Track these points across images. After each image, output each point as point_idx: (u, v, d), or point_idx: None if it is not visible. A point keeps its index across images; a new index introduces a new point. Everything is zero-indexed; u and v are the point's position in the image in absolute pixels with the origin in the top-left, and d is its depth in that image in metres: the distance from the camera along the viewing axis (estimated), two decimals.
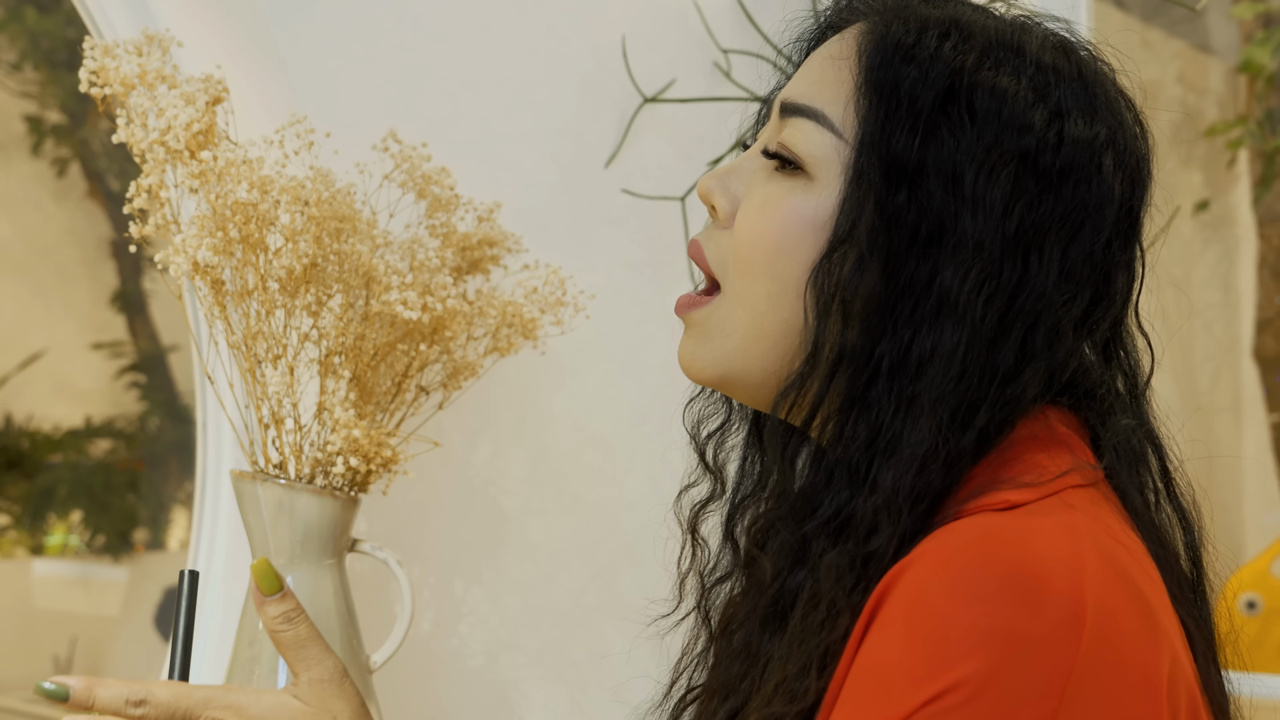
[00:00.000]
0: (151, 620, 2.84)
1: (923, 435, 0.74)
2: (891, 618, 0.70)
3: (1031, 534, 0.71)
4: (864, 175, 0.76)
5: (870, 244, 0.75)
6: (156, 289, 3.03)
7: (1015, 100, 0.76)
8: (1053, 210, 0.75)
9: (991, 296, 0.74)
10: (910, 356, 0.75)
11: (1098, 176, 0.77)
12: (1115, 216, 0.78)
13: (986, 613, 0.67)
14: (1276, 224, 2.85)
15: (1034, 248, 0.75)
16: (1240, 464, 2.80)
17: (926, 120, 0.75)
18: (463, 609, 1.40)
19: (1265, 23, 2.76)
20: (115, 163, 2.99)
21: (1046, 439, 0.78)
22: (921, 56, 0.77)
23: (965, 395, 0.74)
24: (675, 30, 1.50)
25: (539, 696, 1.44)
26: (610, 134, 1.47)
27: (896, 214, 0.75)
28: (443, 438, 1.29)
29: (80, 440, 3.00)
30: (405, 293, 1.10)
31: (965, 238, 0.74)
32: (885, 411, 0.75)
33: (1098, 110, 0.78)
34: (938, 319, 0.74)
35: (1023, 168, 0.75)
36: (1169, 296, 2.88)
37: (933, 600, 0.69)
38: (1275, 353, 2.86)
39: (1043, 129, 0.76)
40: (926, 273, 0.75)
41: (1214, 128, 2.82)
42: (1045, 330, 0.75)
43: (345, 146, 1.22)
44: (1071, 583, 0.69)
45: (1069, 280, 0.76)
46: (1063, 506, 0.74)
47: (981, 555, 0.69)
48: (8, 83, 2.92)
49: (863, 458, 0.75)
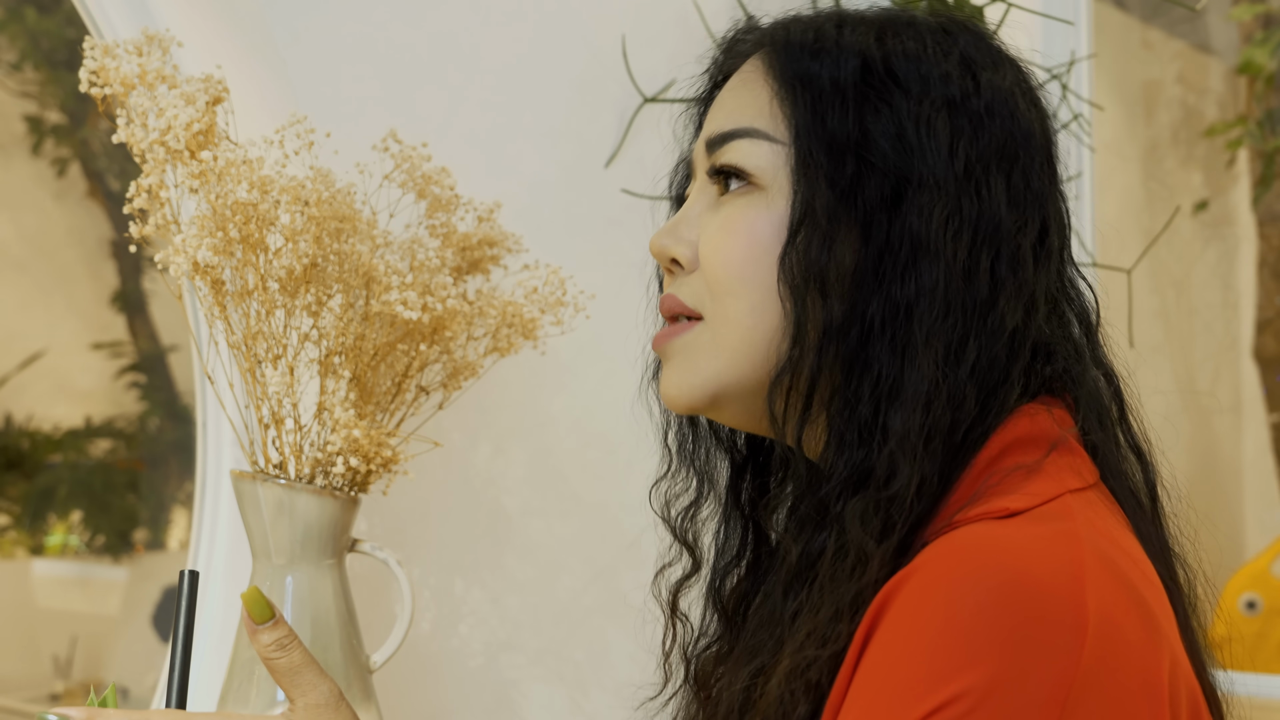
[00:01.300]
0: (150, 620, 2.84)
1: (923, 374, 0.76)
2: (894, 627, 0.70)
3: (1031, 542, 0.71)
4: (808, 161, 0.80)
5: (831, 219, 0.79)
6: (156, 289, 3.03)
7: (927, 57, 0.81)
8: (989, 143, 0.80)
9: (958, 231, 0.78)
10: (899, 305, 0.78)
11: (1017, 112, 0.82)
12: (1040, 147, 0.83)
13: (987, 622, 0.68)
14: (1276, 224, 2.85)
15: (982, 180, 0.79)
16: (1240, 464, 2.80)
17: (854, 97, 0.80)
18: (463, 609, 1.40)
19: (1265, 23, 2.76)
20: (115, 163, 2.99)
21: (1038, 436, 0.79)
22: (827, 47, 0.82)
23: (954, 329, 0.77)
24: (675, 30, 1.50)
25: (539, 696, 1.44)
26: (610, 134, 1.47)
27: (851, 184, 0.79)
28: (443, 438, 1.29)
29: (80, 440, 3.00)
30: (405, 293, 1.09)
31: (923, 184, 0.78)
32: (884, 363, 0.77)
33: (999, 61, 0.84)
34: (915, 264, 0.78)
35: (954, 112, 0.80)
36: (1169, 296, 2.89)
37: (934, 610, 0.69)
38: (1275, 353, 2.86)
39: (960, 77, 0.81)
40: (896, 227, 0.78)
41: (1214, 128, 2.82)
42: (1008, 258, 0.79)
43: (345, 146, 1.22)
44: (1072, 590, 0.69)
45: (1017, 207, 0.80)
46: (1061, 513, 0.74)
47: (981, 565, 0.70)
48: (8, 83, 2.92)
49: (869, 411, 0.77)
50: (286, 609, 1.11)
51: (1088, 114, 1.80)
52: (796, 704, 0.74)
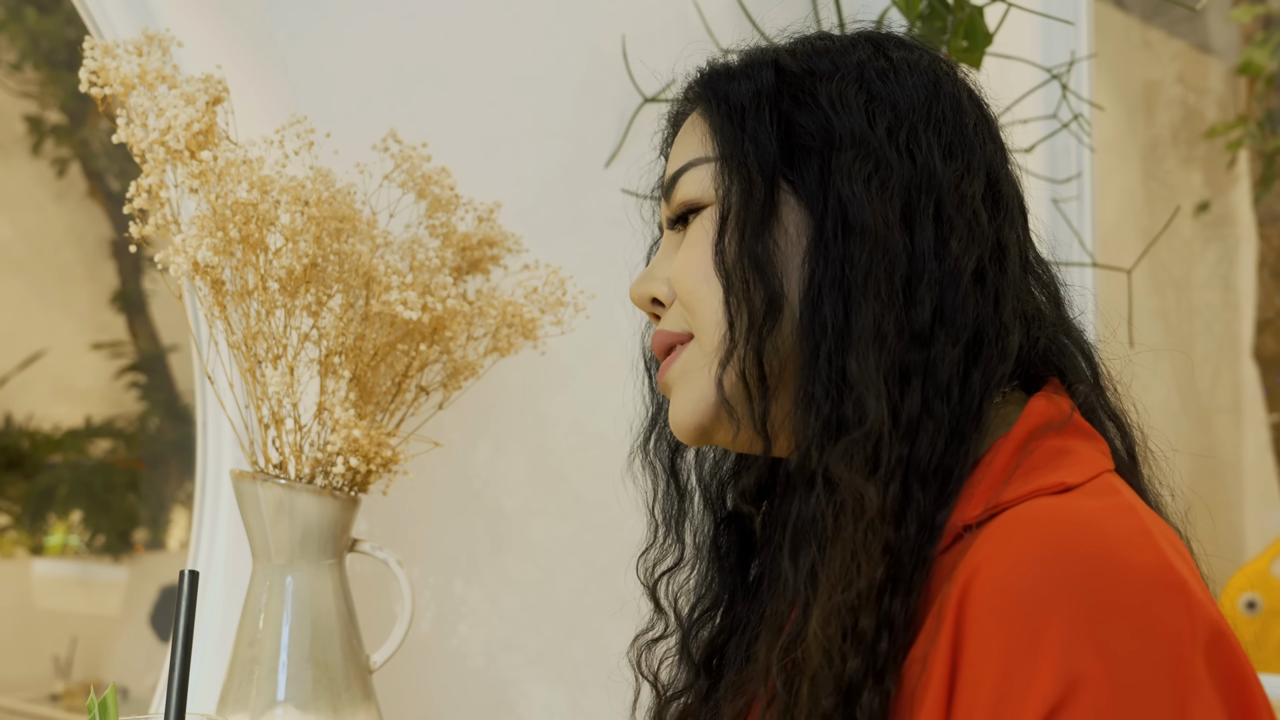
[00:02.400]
0: (148, 619, 2.84)
1: (866, 315, 0.78)
2: (988, 629, 0.69)
3: (1100, 513, 0.72)
4: (730, 161, 0.84)
5: (761, 206, 0.82)
6: (156, 289, 3.03)
7: (838, 48, 0.86)
8: (910, 105, 0.83)
9: (884, 183, 0.81)
10: (838, 262, 0.80)
11: (940, 84, 0.85)
12: (973, 113, 0.85)
13: (1086, 598, 0.68)
14: (1276, 224, 2.86)
15: (911, 137, 0.82)
16: (1240, 464, 2.80)
17: (773, 98, 0.84)
18: (463, 609, 1.40)
19: (1265, 24, 2.76)
20: (115, 163, 2.99)
21: (1057, 419, 0.80)
22: (745, 70, 0.87)
23: (895, 270, 0.79)
24: (675, 30, 1.50)
25: (539, 696, 1.44)
26: (610, 134, 1.47)
27: (774, 171, 0.83)
28: (443, 438, 1.29)
29: (80, 440, 3.00)
30: (405, 293, 1.09)
31: (843, 149, 0.82)
32: (829, 317, 0.79)
33: (913, 48, 0.88)
34: (845, 221, 0.80)
35: (867, 82, 0.84)
36: (1169, 296, 2.89)
37: (1029, 601, 0.68)
38: (1275, 353, 2.86)
39: (873, 57, 0.85)
40: (831, 197, 0.81)
41: (1214, 128, 2.82)
42: (953, 203, 0.81)
43: (345, 146, 1.22)
44: (1157, 555, 0.70)
45: (954, 158, 0.82)
46: (1110, 489, 0.76)
47: (1062, 538, 0.70)
48: (8, 83, 2.92)
49: (825, 365, 0.79)
50: (286, 609, 1.12)
51: (1088, 114, 1.80)
52: (846, 657, 0.74)
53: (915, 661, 0.73)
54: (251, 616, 1.12)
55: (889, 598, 0.75)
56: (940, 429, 0.77)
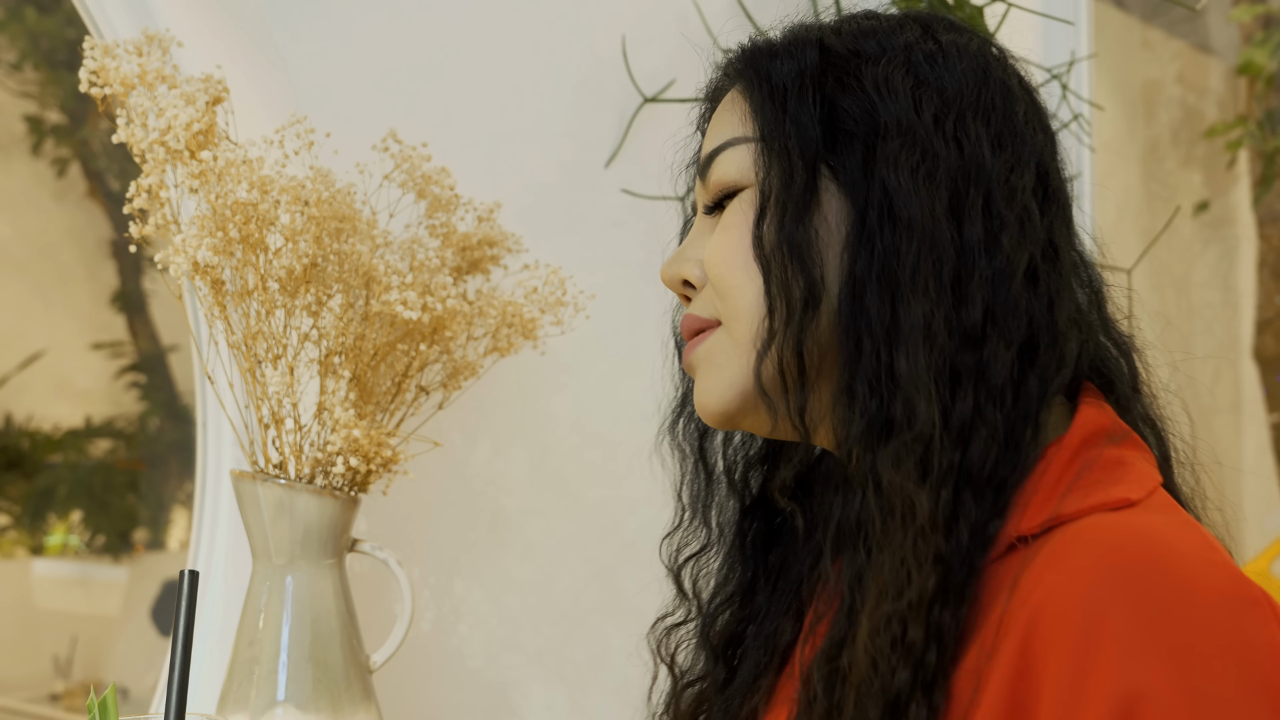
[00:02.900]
0: (148, 613, 2.85)
1: (916, 312, 0.75)
2: (1060, 649, 0.67)
3: (1167, 530, 0.70)
4: (771, 144, 0.81)
5: (802, 191, 0.80)
6: (156, 289, 3.03)
7: (884, 29, 0.83)
8: (959, 92, 0.80)
9: (931, 173, 0.77)
10: (884, 254, 0.77)
11: (989, 68, 0.82)
12: (1022, 99, 0.82)
13: (1169, 615, 0.65)
14: (1276, 224, 2.86)
15: (959, 125, 0.79)
16: (1240, 464, 2.80)
17: (817, 80, 0.81)
18: (463, 609, 1.40)
19: (1265, 24, 2.76)
20: (115, 163, 2.99)
21: (1111, 429, 0.78)
22: (788, 49, 0.84)
23: (944, 266, 0.76)
24: (675, 30, 1.50)
25: (539, 696, 1.44)
26: (610, 134, 1.47)
27: (816, 156, 0.80)
28: (443, 438, 1.29)
29: (80, 440, 3.00)
30: (405, 293, 1.09)
31: (889, 137, 0.79)
32: (876, 312, 0.77)
33: (961, 29, 0.84)
34: (891, 212, 0.77)
35: (915, 66, 0.81)
36: (1169, 296, 2.89)
37: (1096, 616, 0.66)
38: (1275, 353, 2.86)
39: (921, 39, 0.82)
40: (875, 185, 0.78)
41: (1214, 128, 2.82)
42: (1003, 198, 0.78)
43: (345, 146, 1.22)
44: (1229, 570, 0.68)
45: (1004, 149, 0.79)
46: (1168, 505, 0.74)
47: (1135, 554, 0.68)
48: (8, 83, 2.92)
49: (872, 361, 0.76)
50: (286, 609, 1.12)
51: (1088, 114, 1.80)
52: (895, 668, 0.72)
53: (967, 674, 0.71)
54: (251, 616, 1.12)
55: (939, 608, 0.72)
56: (994, 435, 0.74)
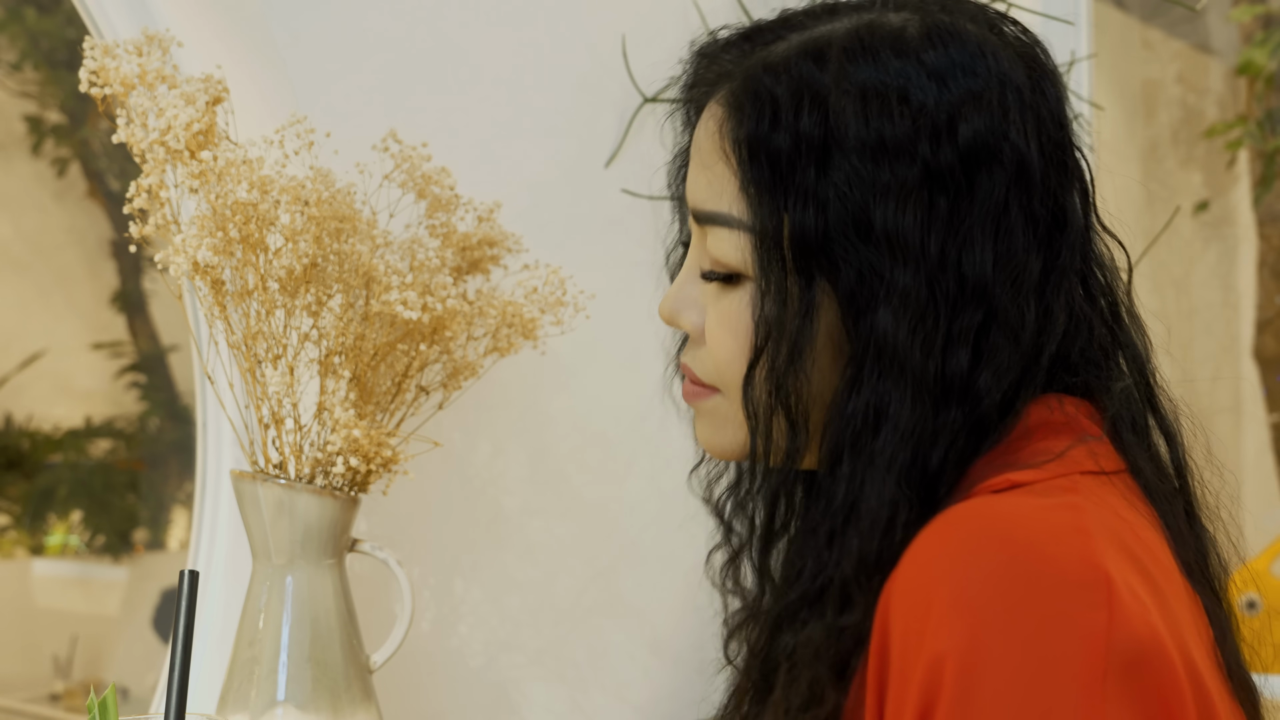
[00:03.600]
0: (150, 621, 2.84)
1: (885, 495, 0.73)
2: (896, 627, 0.68)
3: (1032, 511, 0.69)
4: (766, 268, 0.77)
5: (798, 323, 0.76)
6: (156, 289, 3.03)
7: (889, 112, 0.74)
8: (968, 211, 0.75)
9: (924, 318, 0.74)
10: (866, 421, 0.75)
11: (1006, 142, 0.75)
12: (1040, 161, 0.77)
13: (997, 591, 0.65)
14: (1276, 224, 2.86)
15: (964, 251, 0.74)
16: (1240, 464, 2.80)
17: (819, 162, 0.75)
18: (463, 609, 1.40)
19: (1265, 24, 2.76)
20: (115, 163, 2.99)
21: (1057, 424, 0.77)
22: (785, 121, 0.75)
23: (921, 452, 0.74)
24: (675, 30, 1.49)
25: (539, 696, 1.44)
26: (610, 134, 1.47)
27: (810, 278, 0.76)
28: (443, 438, 1.29)
29: (80, 440, 3.00)
30: (405, 293, 1.09)
31: (885, 275, 0.74)
32: (852, 479, 0.75)
33: (976, 61, 0.77)
34: (883, 376, 0.74)
35: (925, 186, 0.74)
36: (1169, 296, 2.89)
37: (924, 586, 0.67)
38: (1275, 353, 2.86)
39: (931, 130, 0.74)
40: (865, 327, 0.75)
41: (1214, 128, 2.82)
42: (1003, 306, 0.74)
43: (345, 146, 1.22)
44: (1082, 552, 0.67)
45: (1009, 257, 0.75)
46: (1067, 488, 0.72)
47: (979, 533, 0.68)
48: (8, 83, 2.92)
49: (830, 525, 0.75)
50: (286, 609, 1.12)
51: (1088, 114, 1.80)
52: None
53: None
54: (251, 616, 1.12)
55: None
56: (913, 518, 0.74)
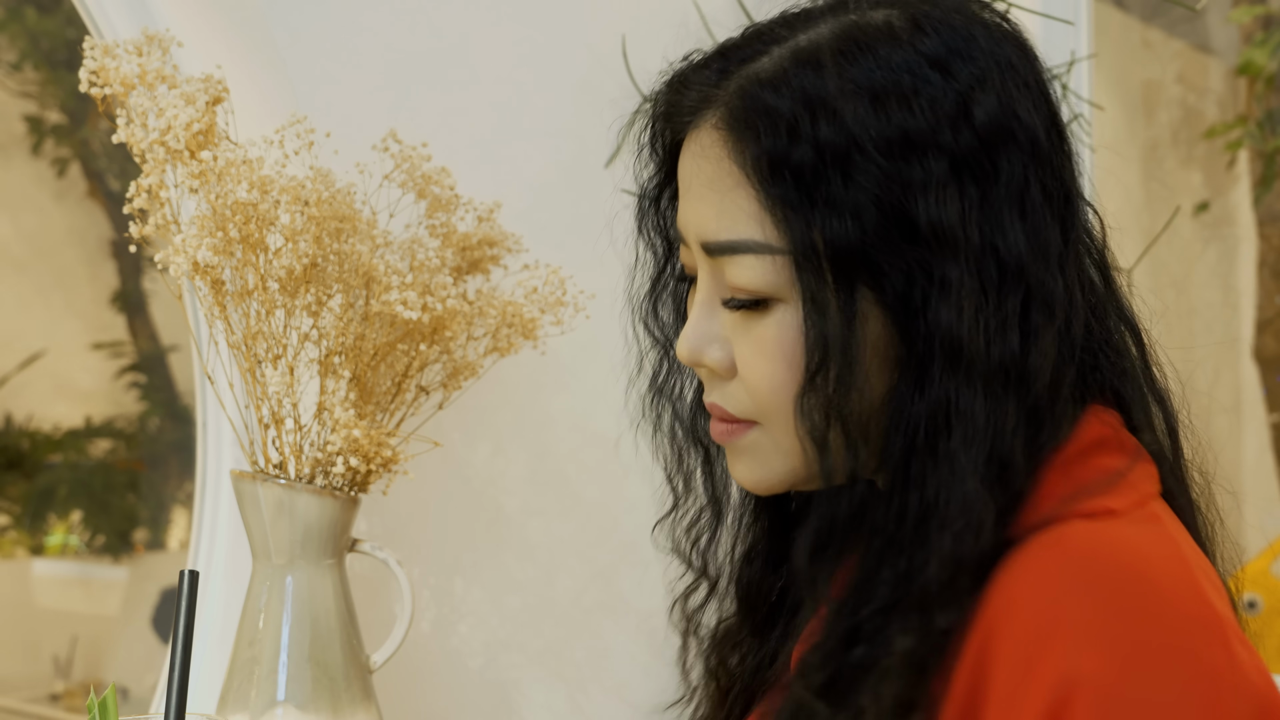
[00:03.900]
0: (149, 621, 2.84)
1: (970, 494, 0.71)
2: (1008, 648, 0.67)
3: (1139, 541, 0.70)
4: (810, 287, 0.73)
5: (846, 343, 0.73)
6: (156, 289, 3.03)
7: (912, 105, 0.72)
8: (994, 192, 0.73)
9: (984, 301, 0.72)
10: (935, 423, 0.72)
11: (1016, 120, 0.74)
12: (1045, 134, 0.75)
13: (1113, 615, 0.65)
14: (1276, 224, 2.86)
15: (995, 226, 0.72)
16: (1240, 464, 2.80)
17: (845, 184, 0.72)
18: (463, 609, 1.40)
19: (1265, 24, 2.76)
20: (115, 163, 2.99)
21: (1111, 441, 0.77)
22: (803, 132, 0.72)
23: (996, 446, 0.72)
24: (675, 30, 1.49)
25: (539, 696, 1.44)
26: (610, 134, 1.47)
27: (854, 293, 0.73)
28: (443, 438, 1.29)
29: (80, 440, 3.00)
30: (405, 293, 1.09)
31: (945, 273, 0.72)
32: (928, 482, 0.73)
33: (972, 45, 0.74)
34: (951, 373, 0.72)
35: (960, 167, 0.72)
36: (1169, 296, 2.89)
37: (1045, 611, 0.66)
38: (1275, 353, 2.86)
39: (954, 112, 0.72)
40: (922, 325, 0.73)
41: (1214, 128, 2.82)
42: (1040, 301, 0.73)
43: (345, 146, 1.22)
44: (1193, 587, 0.68)
45: (1036, 235, 0.73)
46: (1153, 517, 0.73)
47: (1095, 558, 0.68)
48: (8, 83, 2.92)
49: (912, 537, 0.73)
50: (286, 609, 1.12)
51: (1088, 114, 1.80)
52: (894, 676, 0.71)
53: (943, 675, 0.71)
54: (251, 616, 1.12)
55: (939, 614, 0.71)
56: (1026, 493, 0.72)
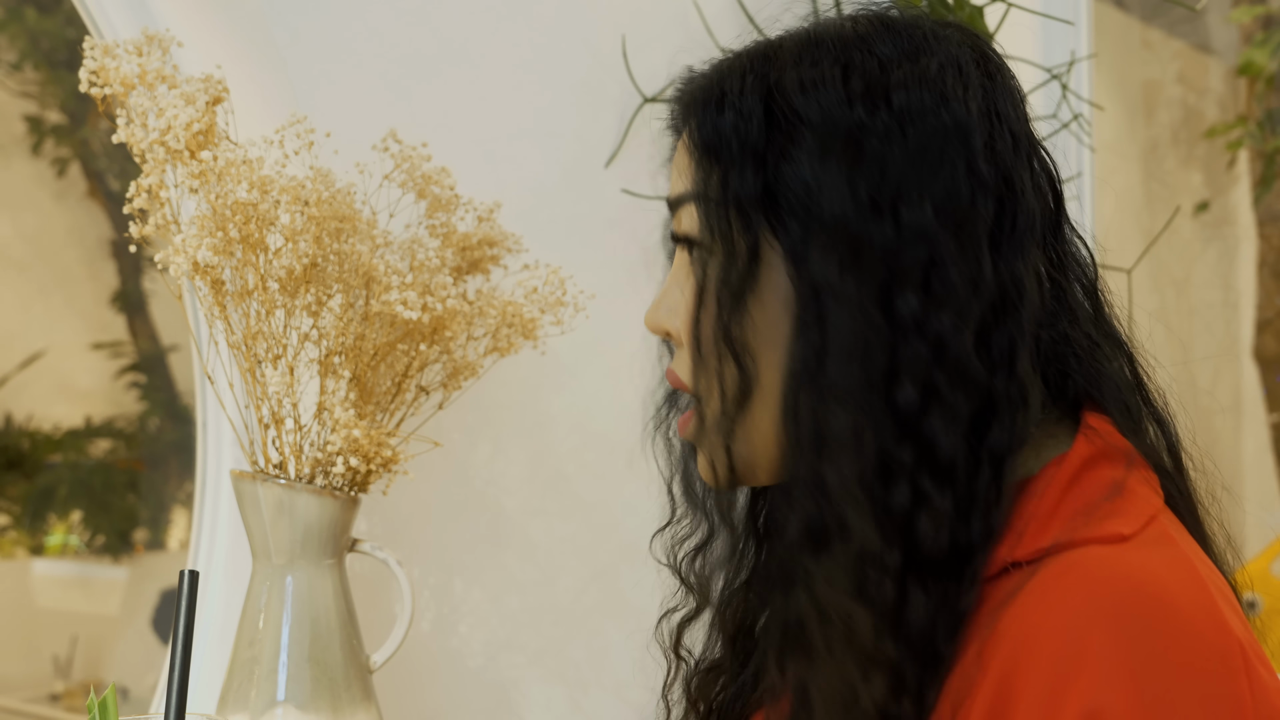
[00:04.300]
0: (149, 622, 2.85)
1: (841, 418, 0.73)
2: (1036, 682, 0.67)
3: (1157, 568, 0.69)
4: (710, 225, 0.78)
5: (739, 279, 0.77)
6: (156, 289, 3.03)
7: (827, 83, 0.77)
8: (902, 158, 0.75)
9: (860, 264, 0.74)
10: (815, 353, 0.74)
11: (944, 104, 0.76)
12: (983, 124, 0.77)
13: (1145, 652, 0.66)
14: (1276, 224, 2.86)
15: (899, 200, 0.74)
16: (1240, 464, 2.80)
17: (759, 147, 0.77)
18: (463, 609, 1.40)
19: (1265, 24, 2.76)
20: (115, 163, 2.99)
21: (1107, 451, 0.76)
22: (735, 100, 0.78)
23: (871, 362, 0.73)
24: (675, 30, 1.50)
25: (539, 696, 1.44)
26: (610, 134, 1.47)
27: (756, 239, 0.77)
28: (443, 438, 1.29)
29: (80, 440, 3.00)
30: (405, 293, 1.09)
31: (823, 225, 0.75)
32: (807, 415, 0.74)
33: (920, 48, 0.78)
34: (821, 307, 0.74)
35: (853, 140, 0.75)
36: (1169, 296, 2.89)
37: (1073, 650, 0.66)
38: (1275, 353, 2.86)
39: (865, 94, 0.76)
40: (804, 274, 0.75)
41: (1214, 128, 2.82)
42: (949, 259, 0.74)
43: (345, 146, 1.22)
44: (1214, 615, 0.68)
45: (953, 201, 0.75)
46: (1164, 538, 0.73)
47: (1117, 591, 0.68)
48: (8, 83, 2.92)
49: (805, 466, 0.74)
50: (286, 609, 1.12)
51: (1088, 114, 1.80)
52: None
53: (947, 695, 0.71)
54: (251, 616, 1.12)
55: (895, 704, 0.71)
56: (943, 516, 0.72)
